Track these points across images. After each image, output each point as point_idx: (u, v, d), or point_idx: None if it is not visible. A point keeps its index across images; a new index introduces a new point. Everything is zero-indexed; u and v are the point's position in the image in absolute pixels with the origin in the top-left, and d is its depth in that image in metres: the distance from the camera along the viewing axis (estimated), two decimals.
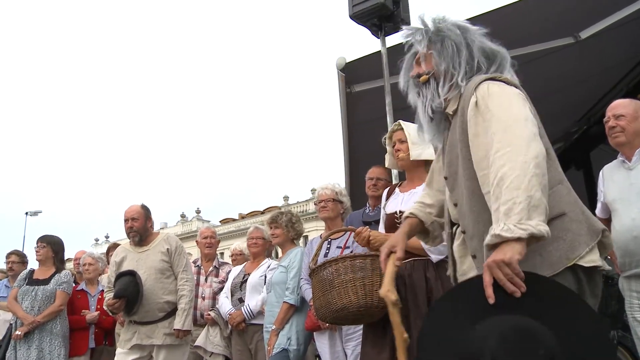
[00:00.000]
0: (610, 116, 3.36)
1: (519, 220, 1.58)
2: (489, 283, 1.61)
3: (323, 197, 4.12)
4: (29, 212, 33.38)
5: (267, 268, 4.80)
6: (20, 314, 5.01)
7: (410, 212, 2.37)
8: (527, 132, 1.71)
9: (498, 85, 1.89)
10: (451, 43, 2.04)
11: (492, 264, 1.60)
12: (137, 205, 4.80)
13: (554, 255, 1.71)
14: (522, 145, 1.67)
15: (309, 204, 42.05)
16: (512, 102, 1.82)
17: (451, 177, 2.06)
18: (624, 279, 3.26)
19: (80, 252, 6.41)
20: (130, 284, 4.39)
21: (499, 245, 1.61)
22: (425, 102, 2.07)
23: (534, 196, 1.60)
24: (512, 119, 1.75)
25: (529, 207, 1.59)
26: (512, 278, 1.58)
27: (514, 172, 1.63)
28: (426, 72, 2.07)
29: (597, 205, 3.53)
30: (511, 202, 1.61)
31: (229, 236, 42.33)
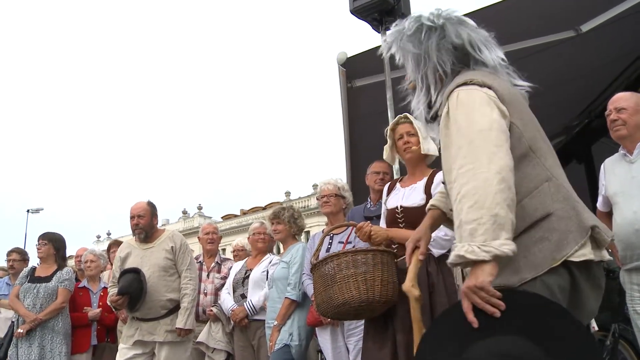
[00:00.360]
0: (611, 109, 3.36)
1: (484, 241, 1.57)
2: (468, 309, 1.61)
3: (325, 192, 4.12)
4: (31, 209, 33.40)
5: (269, 263, 4.80)
6: (22, 311, 5.02)
7: (432, 204, 2.37)
8: (490, 144, 1.67)
9: (467, 91, 1.83)
10: (410, 56, 2.03)
11: (466, 290, 1.60)
12: (143, 202, 4.80)
13: (538, 256, 1.69)
14: (484, 160, 1.64)
15: (310, 199, 42.04)
16: (477, 112, 1.76)
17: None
18: (625, 272, 3.26)
19: (81, 249, 6.42)
20: (134, 281, 4.41)
21: (472, 268, 1.61)
22: (413, 108, 2.10)
23: (498, 214, 1.58)
24: (475, 131, 1.71)
25: (493, 226, 1.57)
26: (488, 300, 1.58)
27: (477, 191, 1.61)
28: (411, 80, 2.09)
29: (598, 199, 3.53)
30: (475, 222, 1.59)
31: (231, 232, 42.38)
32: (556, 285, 1.68)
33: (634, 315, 3.20)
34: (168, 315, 4.52)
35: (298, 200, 43.38)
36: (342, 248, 3.66)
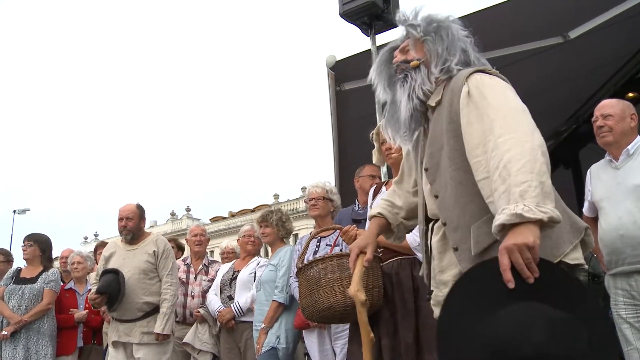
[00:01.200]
0: (598, 116, 3.39)
1: (537, 203, 1.53)
2: (507, 267, 1.54)
3: (313, 196, 4.12)
4: (17, 210, 33.16)
5: (256, 265, 4.79)
6: (6, 313, 4.97)
7: (379, 212, 2.33)
8: (528, 121, 1.70)
9: (490, 77, 1.87)
10: (450, 33, 2.01)
11: (512, 247, 1.53)
12: (132, 205, 4.82)
13: (540, 253, 1.62)
14: (527, 132, 1.65)
15: (299, 202, 42.03)
16: (508, 93, 1.81)
17: (432, 168, 2.00)
18: (610, 277, 3.29)
19: (66, 251, 6.38)
20: (113, 281, 4.45)
21: (514, 228, 1.54)
22: (414, 85, 2.00)
23: (545, 182, 1.57)
24: (511, 108, 1.73)
25: (542, 192, 1.55)
26: (530, 263, 1.53)
27: (524, 156, 1.59)
28: (417, 59, 2.03)
29: (584, 204, 3.55)
30: (526, 184, 1.55)
31: (219, 234, 42.23)
32: None
33: (618, 319, 3.22)
34: (144, 318, 4.54)
35: (287, 203, 43.36)
36: (330, 251, 3.66)
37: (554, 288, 1.56)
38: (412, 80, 2.01)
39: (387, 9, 4.17)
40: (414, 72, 2.01)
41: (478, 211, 1.76)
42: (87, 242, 54.72)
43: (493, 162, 1.66)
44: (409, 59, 2.04)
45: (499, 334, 1.52)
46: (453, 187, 1.86)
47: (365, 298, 2.04)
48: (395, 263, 2.93)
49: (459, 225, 1.84)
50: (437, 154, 1.96)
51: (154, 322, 4.50)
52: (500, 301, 1.56)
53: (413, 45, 2.05)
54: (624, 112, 3.34)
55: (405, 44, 2.10)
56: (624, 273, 3.17)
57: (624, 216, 3.13)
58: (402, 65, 2.05)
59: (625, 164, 3.28)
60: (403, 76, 2.03)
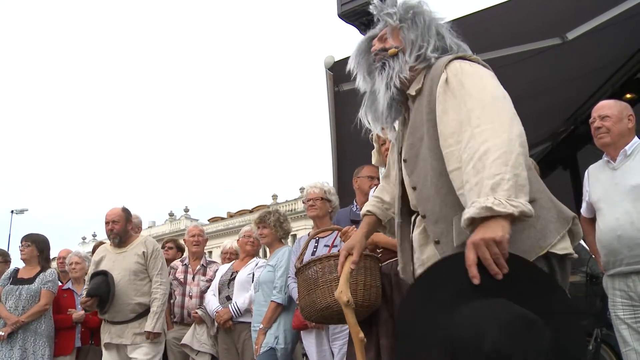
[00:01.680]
0: (595, 117, 3.40)
1: (509, 196, 1.49)
2: (473, 262, 1.50)
3: (312, 196, 4.12)
4: (15, 210, 33.07)
5: (255, 266, 4.80)
6: (3, 313, 4.96)
7: (368, 210, 2.33)
8: (507, 110, 1.65)
9: (470, 64, 1.83)
10: (423, 19, 2.00)
11: (479, 242, 1.49)
12: (117, 208, 4.87)
13: (526, 243, 1.64)
14: (505, 122, 1.61)
15: (297, 202, 42.04)
16: (487, 80, 1.77)
17: (411, 159, 1.96)
18: (608, 278, 3.29)
19: (64, 251, 6.38)
20: (103, 283, 4.49)
21: (483, 222, 1.51)
22: (392, 73, 1.98)
23: (520, 175, 1.53)
24: (490, 96, 1.69)
25: (516, 185, 1.51)
26: (498, 258, 1.49)
27: (500, 148, 1.55)
28: (395, 46, 2.01)
29: (582, 205, 3.56)
30: (499, 177, 1.51)
31: (218, 235, 42.24)
32: None
33: (616, 320, 3.22)
34: (137, 319, 4.58)
35: (285, 204, 43.36)
36: (328, 252, 3.66)
37: (522, 284, 1.52)
38: (390, 68, 1.99)
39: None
40: (391, 60, 2.00)
41: (459, 202, 1.71)
42: (85, 242, 54.67)
43: (468, 152, 1.62)
44: (387, 47, 2.03)
45: (459, 332, 1.48)
46: (433, 177, 1.81)
47: (347, 299, 2.04)
48: (394, 263, 2.92)
49: (439, 217, 1.79)
50: (417, 144, 1.92)
51: (145, 322, 4.53)
52: (464, 297, 1.51)
53: (390, 33, 2.04)
54: (621, 113, 3.35)
55: (383, 32, 2.08)
56: (622, 274, 3.18)
57: (622, 217, 3.13)
58: (380, 54, 2.04)
59: (622, 165, 3.29)
60: (381, 64, 2.02)
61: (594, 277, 4.00)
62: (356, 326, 2.08)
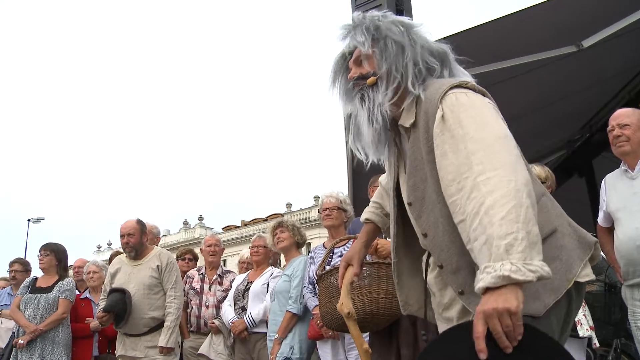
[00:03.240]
0: (614, 125, 3.37)
1: (524, 259, 1.33)
2: (481, 334, 1.34)
3: (327, 205, 4.13)
4: (32, 219, 33.32)
5: (270, 276, 4.80)
6: (22, 322, 5.01)
7: (367, 218, 2.23)
8: (511, 153, 1.49)
9: (466, 94, 1.64)
10: (391, 42, 1.78)
11: (492, 312, 1.32)
12: (132, 221, 4.88)
13: (555, 279, 1.49)
14: (509, 168, 1.44)
15: (311, 210, 42.00)
16: (486, 116, 1.58)
17: (417, 202, 1.76)
18: (627, 288, 3.26)
19: (79, 261, 6.43)
20: (120, 301, 4.52)
21: (494, 290, 1.34)
22: (372, 107, 1.78)
23: (532, 231, 1.37)
24: (491, 137, 1.51)
25: (530, 245, 1.35)
26: (510, 331, 1.32)
27: (509, 201, 1.38)
28: (372, 73, 1.81)
29: (599, 214, 3.53)
30: (512, 237, 1.35)
31: (232, 243, 42.30)
32: (555, 319, 1.56)
33: (636, 331, 3.19)
34: (149, 333, 4.61)
35: (299, 212, 43.35)
36: None
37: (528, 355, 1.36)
38: (370, 102, 1.80)
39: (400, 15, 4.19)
40: (370, 90, 1.81)
41: None
42: (100, 250, 55.01)
43: (472, 205, 1.45)
44: (364, 74, 1.84)
45: None
46: (446, 225, 1.64)
47: (348, 311, 2.02)
48: None
49: (459, 267, 1.63)
50: (421, 186, 1.74)
51: (158, 336, 4.55)
52: None
53: (365, 58, 1.84)
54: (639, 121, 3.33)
55: (357, 54, 1.88)
56: None
57: None
58: (358, 82, 1.85)
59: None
60: (360, 97, 1.83)
61: (612, 286, 3.97)
62: (360, 338, 2.06)
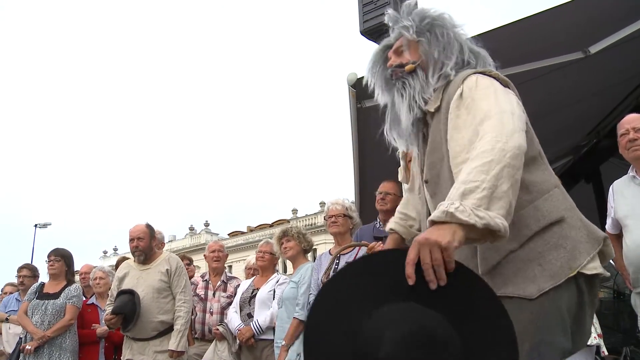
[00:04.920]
0: (629, 129, 3.33)
1: (478, 206, 1.39)
2: (412, 261, 1.37)
3: (333, 212, 4.13)
4: (38, 224, 33.46)
5: (275, 283, 4.80)
6: (30, 328, 5.02)
7: (391, 228, 2.25)
8: (512, 123, 1.55)
9: (488, 78, 1.73)
10: (445, 32, 1.87)
11: (424, 242, 1.36)
12: (142, 225, 4.89)
13: (555, 264, 1.55)
14: (504, 132, 1.51)
15: (317, 217, 42.01)
16: (500, 95, 1.66)
17: (433, 180, 1.84)
18: (637, 295, 3.24)
19: (85, 266, 6.45)
20: (129, 302, 4.52)
21: (437, 224, 1.40)
22: (413, 93, 1.85)
23: (499, 187, 1.42)
24: (498, 110, 1.59)
25: (491, 196, 1.40)
26: (439, 265, 1.35)
27: (487, 157, 1.46)
28: (412, 62, 1.88)
29: (606, 221, 3.52)
30: (474, 184, 1.42)
31: (237, 249, 42.37)
32: (565, 306, 1.56)
33: None
34: (158, 337, 4.60)
35: (305, 218, 43.38)
36: None
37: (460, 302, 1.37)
38: (410, 88, 1.86)
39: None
40: (410, 78, 1.87)
41: None
42: (106, 256, 55.12)
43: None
44: (404, 63, 1.90)
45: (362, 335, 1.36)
46: None
47: None
48: None
49: None
50: (438, 165, 1.80)
51: (167, 340, 4.55)
52: (392, 297, 1.38)
53: (407, 47, 1.91)
54: None
55: (399, 44, 1.94)
56: None
57: None
58: (397, 71, 1.91)
59: None
60: (401, 84, 1.89)
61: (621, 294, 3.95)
62: None
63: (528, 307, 1.52)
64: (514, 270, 1.54)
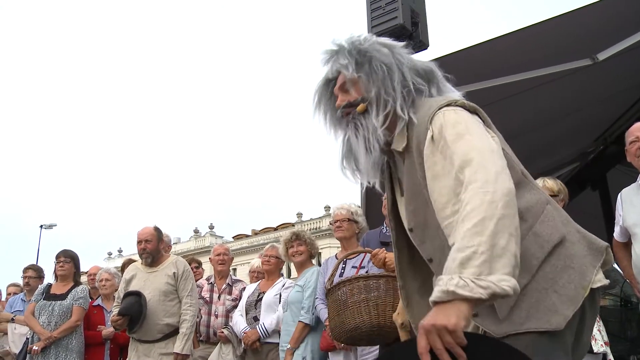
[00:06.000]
0: (639, 137, 3.33)
1: (479, 274, 1.29)
2: (424, 349, 1.29)
3: (339, 217, 4.13)
4: (44, 225, 33.56)
5: (282, 286, 4.81)
6: (37, 328, 5.04)
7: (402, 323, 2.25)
8: (494, 164, 1.45)
9: (455, 111, 1.61)
10: (380, 64, 1.73)
11: (429, 328, 1.28)
12: (150, 228, 4.91)
13: (569, 287, 1.47)
14: (489, 179, 1.41)
15: (322, 220, 42.00)
16: (473, 132, 1.55)
17: (418, 228, 1.73)
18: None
19: (94, 267, 6.45)
20: (135, 304, 4.53)
21: (440, 304, 1.30)
22: (367, 135, 1.73)
23: (497, 244, 1.31)
24: (475, 152, 1.48)
25: (491, 257, 1.30)
26: (453, 347, 1.27)
27: (478, 214, 1.35)
28: (360, 100, 1.76)
29: (615, 229, 3.51)
30: (470, 250, 1.31)
31: (242, 252, 42.37)
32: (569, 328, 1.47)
33: None
34: (163, 340, 4.61)
35: (310, 222, 43.35)
36: (356, 273, 3.67)
37: None
38: (364, 129, 1.74)
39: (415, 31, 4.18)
40: (362, 118, 1.75)
41: None
42: (111, 257, 55.22)
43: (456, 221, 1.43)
44: (352, 102, 1.78)
45: None
46: None
47: (401, 321, 2.05)
48: None
49: None
50: (422, 211, 1.69)
51: (172, 343, 4.56)
52: None
53: (351, 84, 1.79)
54: None
55: (341, 80, 1.82)
56: None
57: None
58: (346, 110, 1.80)
59: None
60: (353, 126, 1.77)
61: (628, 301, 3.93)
62: None
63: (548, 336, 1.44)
64: (533, 303, 1.46)
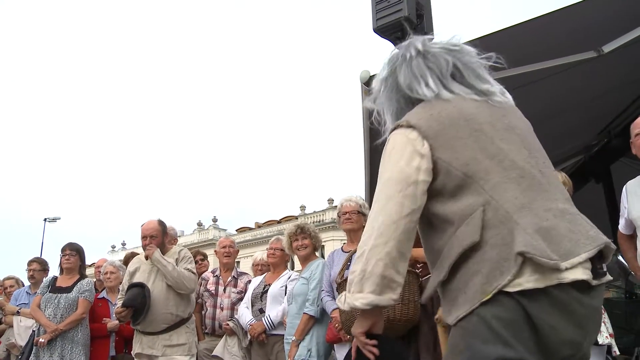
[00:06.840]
0: None
1: (353, 292, 1.68)
2: (354, 347, 1.84)
3: (347, 209, 4.14)
4: (48, 218, 33.61)
5: (287, 279, 4.82)
6: (43, 321, 5.07)
7: None
8: (387, 194, 1.71)
9: (393, 136, 1.81)
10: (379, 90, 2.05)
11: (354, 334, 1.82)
12: (154, 222, 4.92)
13: (471, 290, 1.57)
14: (379, 207, 1.70)
15: (325, 213, 42.04)
16: (391, 158, 1.76)
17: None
18: None
19: (102, 260, 6.48)
20: (139, 295, 4.55)
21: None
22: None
23: (366, 270, 1.66)
24: (382, 180, 1.75)
25: (361, 280, 1.67)
26: (364, 346, 1.78)
27: (366, 243, 1.69)
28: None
29: (620, 221, 3.51)
30: (352, 275, 1.70)
31: (245, 245, 42.42)
32: (491, 315, 1.52)
33: None
34: (167, 331, 4.64)
35: (313, 215, 43.37)
36: None
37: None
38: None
39: (420, 24, 4.17)
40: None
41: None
42: (114, 250, 55.39)
43: None
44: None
45: None
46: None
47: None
48: None
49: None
50: None
51: (175, 335, 4.62)
52: None
53: None
54: None
55: None
56: None
57: None
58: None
59: None
60: None
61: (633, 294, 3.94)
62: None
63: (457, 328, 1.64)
64: (450, 299, 1.66)
